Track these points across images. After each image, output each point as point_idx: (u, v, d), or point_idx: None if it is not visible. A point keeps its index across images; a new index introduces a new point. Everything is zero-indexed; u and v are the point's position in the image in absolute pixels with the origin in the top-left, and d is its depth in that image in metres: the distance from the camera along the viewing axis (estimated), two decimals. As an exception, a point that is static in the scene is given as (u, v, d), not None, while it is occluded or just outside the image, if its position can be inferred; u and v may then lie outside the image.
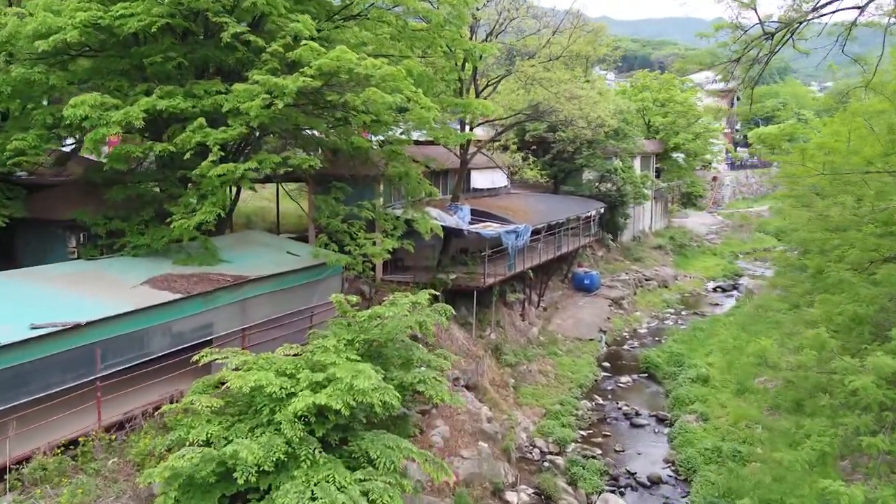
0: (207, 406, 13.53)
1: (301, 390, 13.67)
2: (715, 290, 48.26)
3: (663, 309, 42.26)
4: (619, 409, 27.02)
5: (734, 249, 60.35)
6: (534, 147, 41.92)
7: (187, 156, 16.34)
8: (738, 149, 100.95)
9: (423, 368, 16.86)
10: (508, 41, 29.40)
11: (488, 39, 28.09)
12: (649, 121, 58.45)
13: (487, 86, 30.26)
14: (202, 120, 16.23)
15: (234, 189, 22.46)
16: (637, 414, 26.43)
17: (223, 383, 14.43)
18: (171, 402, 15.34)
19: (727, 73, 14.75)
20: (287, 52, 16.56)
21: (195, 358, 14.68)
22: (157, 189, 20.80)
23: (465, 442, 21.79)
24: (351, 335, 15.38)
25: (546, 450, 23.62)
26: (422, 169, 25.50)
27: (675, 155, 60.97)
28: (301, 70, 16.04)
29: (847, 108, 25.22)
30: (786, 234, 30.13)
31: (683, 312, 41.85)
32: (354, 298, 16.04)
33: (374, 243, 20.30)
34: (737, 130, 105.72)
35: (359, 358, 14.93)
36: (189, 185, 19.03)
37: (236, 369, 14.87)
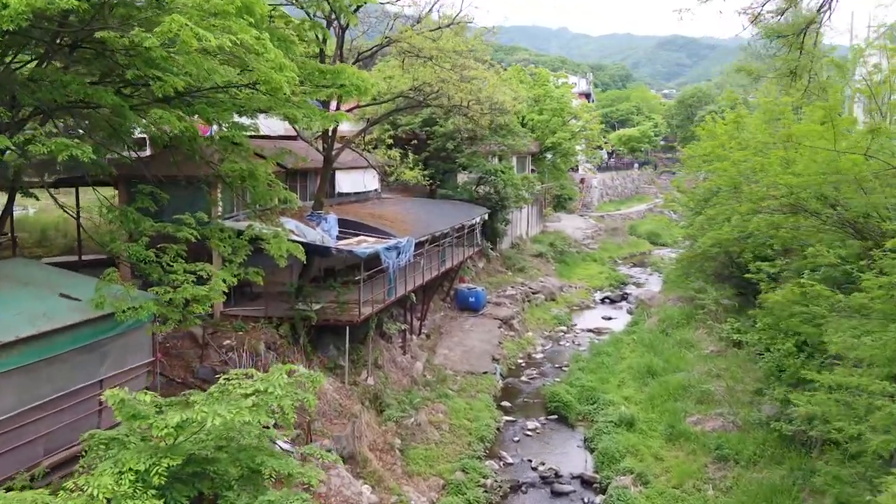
0: None
1: None
2: (603, 301, 44.46)
3: (555, 326, 37.62)
4: (534, 469, 21.41)
5: (613, 255, 57.54)
6: (414, 142, 35.82)
7: None
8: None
9: (280, 489, 10.32)
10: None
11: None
12: (523, 118, 54.16)
13: (358, 60, 23.77)
14: None
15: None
16: (557, 475, 20.94)
17: None
18: None
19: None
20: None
21: None
22: None
23: (343, 554, 15.44)
24: (145, 461, 8.51)
25: (452, 544, 17.65)
26: (273, 167, 18.85)
27: (548, 155, 57.39)
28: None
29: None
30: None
31: (578, 330, 37.38)
32: (148, 397, 9.06)
33: (198, 278, 13.30)
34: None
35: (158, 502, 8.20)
36: None
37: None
